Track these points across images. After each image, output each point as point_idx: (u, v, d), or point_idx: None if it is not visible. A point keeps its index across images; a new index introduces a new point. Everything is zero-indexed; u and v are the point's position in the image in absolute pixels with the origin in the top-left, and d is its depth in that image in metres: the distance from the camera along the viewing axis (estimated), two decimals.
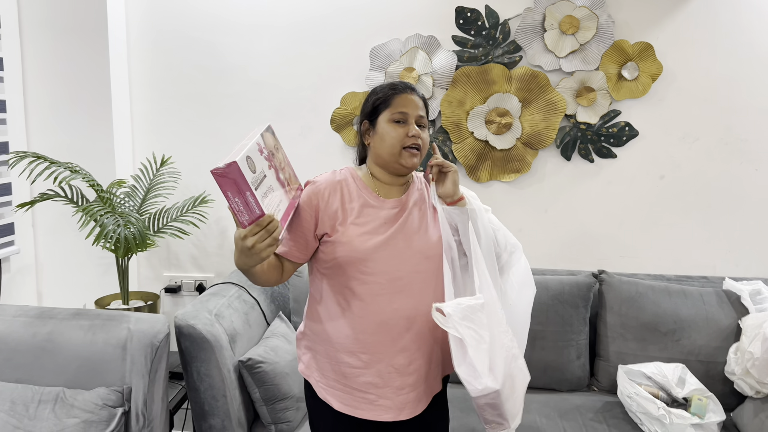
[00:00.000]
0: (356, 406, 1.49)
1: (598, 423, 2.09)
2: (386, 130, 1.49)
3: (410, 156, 1.49)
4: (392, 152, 1.49)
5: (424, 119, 1.52)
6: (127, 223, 2.09)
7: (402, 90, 1.51)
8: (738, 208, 2.53)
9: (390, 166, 1.52)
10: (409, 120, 1.49)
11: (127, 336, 1.85)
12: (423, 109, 1.52)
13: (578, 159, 2.56)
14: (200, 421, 1.96)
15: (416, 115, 1.50)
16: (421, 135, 1.49)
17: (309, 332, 1.57)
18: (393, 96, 1.50)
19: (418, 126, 1.50)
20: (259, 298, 2.34)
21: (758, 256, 2.54)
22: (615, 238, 2.61)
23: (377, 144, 1.52)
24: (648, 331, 2.30)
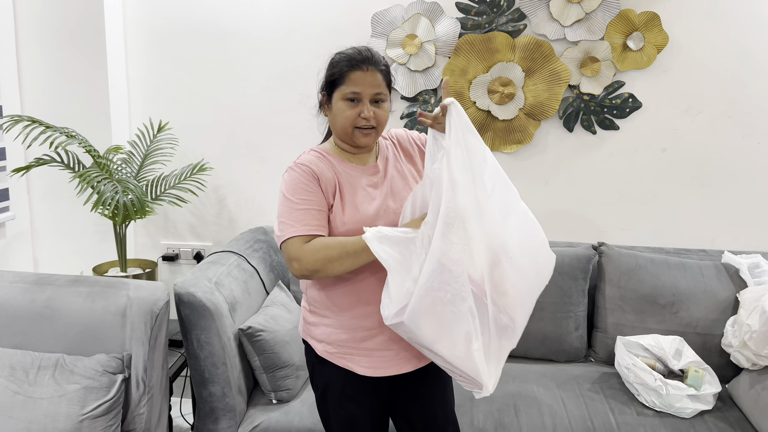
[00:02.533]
0: (378, 366, 1.53)
1: (595, 393, 2.11)
2: (340, 108, 1.49)
3: (363, 135, 1.49)
4: (345, 131, 1.50)
5: (381, 94, 1.49)
6: (126, 189, 2.06)
7: (358, 65, 1.47)
8: (739, 181, 2.52)
9: (347, 142, 1.54)
10: (363, 99, 1.47)
11: (127, 303, 1.84)
12: (381, 84, 1.49)
13: (580, 130, 2.54)
14: (200, 389, 1.96)
15: (371, 94, 1.47)
16: (377, 113, 1.48)
17: (317, 308, 1.58)
18: (347, 72, 1.47)
19: (376, 102, 1.48)
20: (258, 267, 2.33)
21: (758, 230, 2.55)
22: (615, 210, 2.60)
23: (332, 120, 1.54)
24: (646, 303, 2.30)
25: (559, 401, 2.06)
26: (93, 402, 1.68)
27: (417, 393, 1.66)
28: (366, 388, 1.58)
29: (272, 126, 2.65)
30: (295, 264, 1.43)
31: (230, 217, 2.75)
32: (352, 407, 1.59)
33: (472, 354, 1.38)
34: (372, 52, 1.52)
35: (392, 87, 1.58)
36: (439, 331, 1.36)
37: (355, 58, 1.49)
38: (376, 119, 1.49)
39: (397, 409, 1.68)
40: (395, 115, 2.58)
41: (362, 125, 1.48)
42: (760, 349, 1.98)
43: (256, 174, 2.70)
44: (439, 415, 1.68)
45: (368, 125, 1.48)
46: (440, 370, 1.55)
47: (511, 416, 1.96)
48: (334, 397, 1.60)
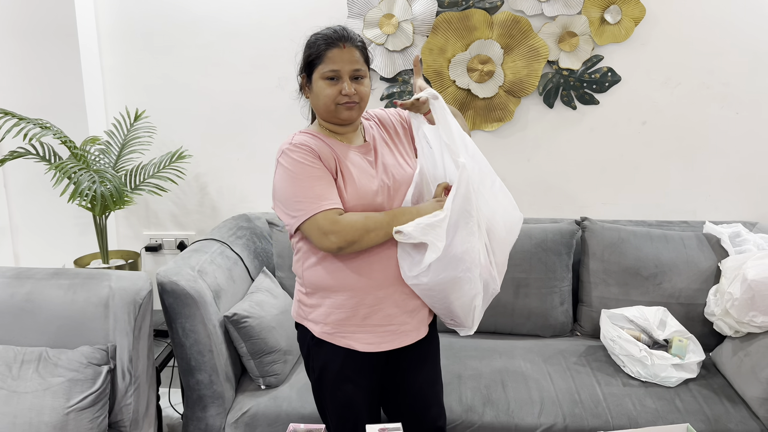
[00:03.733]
0: (380, 341, 1.57)
1: (582, 366, 2.13)
2: (320, 88, 1.50)
3: (346, 109, 1.51)
4: (328, 109, 1.51)
5: (360, 71, 1.50)
6: (103, 179, 2.03)
7: (334, 43, 1.48)
8: (718, 152, 2.54)
9: (332, 120, 1.55)
10: (343, 76, 1.48)
11: (109, 294, 1.82)
12: (359, 60, 1.51)
13: (561, 106, 2.54)
14: (187, 377, 1.96)
15: (350, 70, 1.49)
16: (359, 89, 1.50)
17: (316, 290, 1.57)
18: (325, 51, 1.48)
19: (355, 78, 1.50)
20: (242, 254, 2.32)
21: (737, 200, 2.57)
22: (597, 184, 2.61)
23: (314, 101, 1.55)
24: (630, 275, 2.32)
25: (546, 375, 2.07)
26: (78, 394, 1.67)
27: (408, 372, 1.68)
28: (364, 366, 1.59)
29: (251, 111, 2.62)
30: (333, 237, 1.43)
31: (212, 205, 2.73)
32: (349, 388, 1.60)
33: (473, 308, 1.55)
34: (347, 30, 1.52)
35: (370, 64, 1.58)
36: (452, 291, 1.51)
37: (331, 36, 1.49)
38: (358, 95, 1.50)
39: (387, 388, 1.69)
40: (375, 96, 2.56)
41: (344, 102, 1.49)
42: (742, 317, 2.01)
43: (236, 161, 2.67)
44: (427, 395, 1.71)
45: (350, 101, 1.49)
46: (433, 353, 1.72)
47: (499, 392, 1.98)
48: (330, 378, 1.60)
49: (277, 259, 2.40)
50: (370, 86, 1.57)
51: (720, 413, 1.89)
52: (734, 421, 1.87)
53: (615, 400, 1.95)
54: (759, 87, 2.46)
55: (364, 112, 1.66)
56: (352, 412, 1.62)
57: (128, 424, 1.81)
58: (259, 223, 2.57)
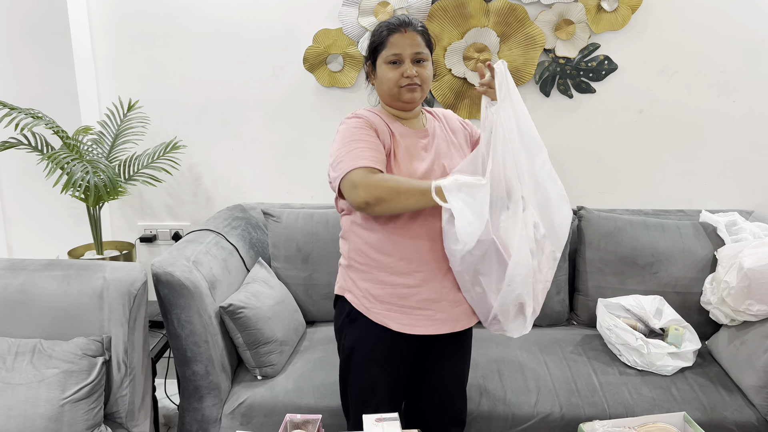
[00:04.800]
0: (414, 324, 1.57)
1: (578, 355, 2.13)
2: (384, 72, 1.56)
3: (408, 91, 1.55)
4: (391, 93, 1.57)
5: (422, 54, 1.55)
6: (96, 170, 2.01)
7: (396, 29, 1.54)
8: (714, 140, 2.53)
9: (395, 104, 1.60)
10: (405, 60, 1.54)
11: (103, 285, 1.80)
12: (421, 44, 1.55)
13: (557, 95, 2.53)
14: (183, 368, 1.95)
15: (412, 54, 1.54)
16: (420, 72, 1.55)
17: (356, 263, 1.60)
18: (387, 37, 1.55)
19: (417, 62, 1.55)
20: (237, 245, 2.30)
21: (733, 188, 2.57)
22: (594, 174, 2.61)
23: (378, 86, 1.61)
24: (626, 265, 2.32)
25: (542, 365, 2.08)
26: (73, 386, 1.66)
27: (437, 363, 1.69)
28: (395, 351, 1.61)
29: (245, 101, 2.60)
30: (361, 191, 1.43)
31: (207, 195, 2.71)
32: (375, 371, 1.62)
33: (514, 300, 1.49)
34: (409, 17, 1.59)
35: (433, 49, 1.63)
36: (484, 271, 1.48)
37: (392, 23, 1.56)
38: (419, 77, 1.55)
39: (416, 378, 1.71)
40: None
41: (406, 84, 1.54)
42: (738, 305, 2.01)
43: (231, 151, 2.66)
44: (454, 388, 1.74)
45: (412, 83, 1.54)
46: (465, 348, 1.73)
47: (496, 381, 1.98)
48: (359, 359, 1.62)
49: (272, 250, 2.39)
50: (433, 70, 1.61)
51: (716, 401, 1.90)
52: (730, 409, 1.87)
53: (611, 388, 1.95)
54: (756, 75, 2.45)
55: (433, 109, 1.73)
56: (374, 396, 1.64)
57: (124, 416, 1.80)
58: (254, 214, 2.56)
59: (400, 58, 1.54)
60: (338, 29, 2.46)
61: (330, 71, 2.50)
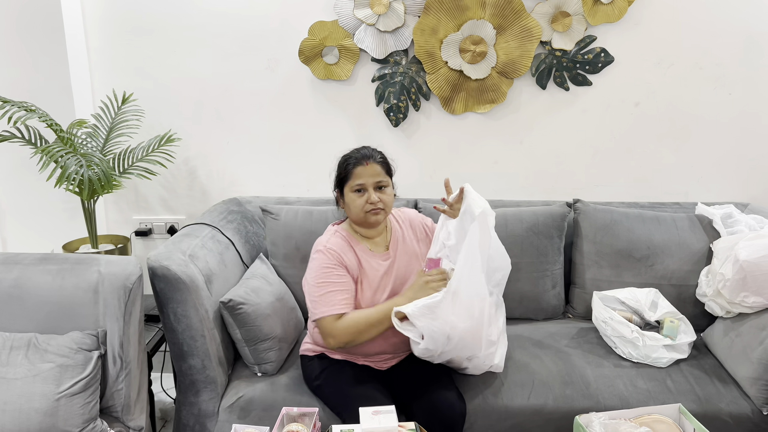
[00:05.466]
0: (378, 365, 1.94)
1: (573, 348, 2.14)
2: (351, 199, 1.86)
3: (373, 215, 1.85)
4: (358, 217, 1.86)
5: (382, 181, 1.85)
6: (90, 163, 2.00)
7: (358, 162, 1.84)
8: (710, 133, 2.53)
9: (363, 225, 1.90)
10: (368, 188, 1.83)
11: (98, 279, 1.80)
12: (381, 173, 1.85)
13: (553, 87, 2.52)
14: (179, 362, 1.95)
15: (373, 183, 1.84)
16: (382, 197, 1.85)
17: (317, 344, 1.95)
18: (352, 170, 1.84)
19: (379, 188, 1.85)
20: (233, 239, 2.30)
21: (729, 181, 2.57)
22: (589, 166, 2.61)
23: (347, 210, 1.90)
24: (622, 257, 2.33)
25: (536, 358, 2.07)
26: (69, 380, 1.65)
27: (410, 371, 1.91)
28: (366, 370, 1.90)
29: (240, 94, 2.58)
30: (330, 339, 1.78)
31: (202, 189, 2.70)
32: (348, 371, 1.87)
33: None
34: (369, 149, 1.89)
35: (392, 175, 1.92)
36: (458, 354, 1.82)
37: (355, 156, 1.86)
38: (382, 202, 1.84)
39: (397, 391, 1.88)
40: (366, 78, 2.53)
41: (370, 210, 1.83)
42: (734, 297, 2.02)
43: (226, 144, 2.64)
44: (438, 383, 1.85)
45: (375, 208, 1.83)
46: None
47: (489, 375, 1.98)
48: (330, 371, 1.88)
49: (270, 247, 2.37)
50: (393, 194, 1.91)
51: (711, 393, 1.91)
52: (725, 401, 1.88)
53: (606, 381, 1.95)
54: (752, 67, 2.45)
55: (400, 214, 2.04)
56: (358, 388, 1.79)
57: (120, 410, 1.80)
58: (250, 207, 2.55)
59: (363, 187, 1.83)
60: (334, 21, 2.44)
61: (326, 64, 2.49)
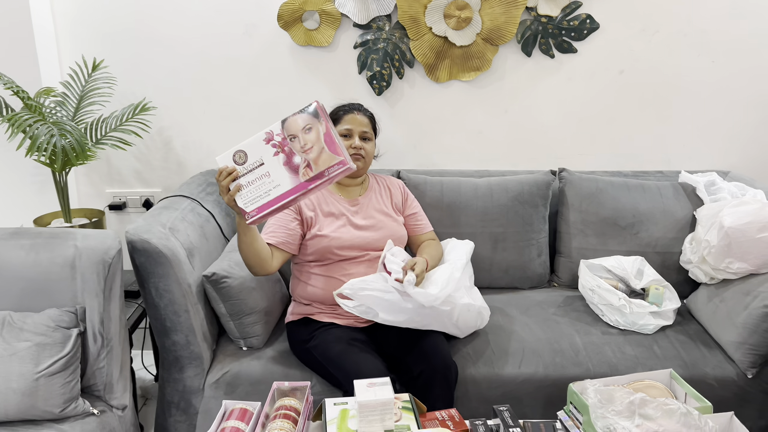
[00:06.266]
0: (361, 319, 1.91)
1: (560, 317, 2.14)
2: None
3: (354, 159, 1.92)
4: None
5: (368, 133, 2.00)
6: (63, 131, 1.90)
7: (349, 110, 2.00)
8: (693, 101, 2.53)
9: None
10: (354, 135, 1.97)
11: (75, 254, 1.72)
12: (368, 125, 2.00)
13: (539, 54, 2.48)
14: (162, 338, 1.89)
15: (360, 131, 1.98)
16: (364, 146, 1.98)
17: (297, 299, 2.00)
18: (343, 115, 1.99)
19: (363, 139, 1.98)
20: (213, 211, 2.22)
21: (711, 149, 2.59)
22: (574, 135, 2.59)
23: None
24: (608, 225, 2.33)
25: (525, 326, 2.07)
26: (47, 359, 1.59)
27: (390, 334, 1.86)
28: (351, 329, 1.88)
29: (216, 61, 2.48)
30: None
31: (178, 160, 2.61)
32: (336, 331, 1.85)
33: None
34: (361, 105, 2.05)
35: (377, 134, 2.07)
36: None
37: (348, 106, 2.02)
38: (364, 150, 1.97)
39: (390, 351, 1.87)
40: (348, 44, 2.46)
41: (352, 153, 1.93)
42: (719, 263, 2.03)
43: (202, 114, 2.55)
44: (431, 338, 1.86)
45: (357, 153, 1.95)
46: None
47: (480, 344, 1.97)
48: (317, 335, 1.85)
49: None
50: (374, 150, 2.05)
51: (697, 358, 1.93)
52: (711, 365, 1.91)
53: (595, 348, 1.96)
54: (736, 35, 2.44)
55: (383, 179, 2.15)
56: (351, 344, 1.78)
57: (102, 388, 1.74)
58: None
59: (350, 133, 1.97)
60: None
61: (306, 29, 2.41)
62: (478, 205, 2.33)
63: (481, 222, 2.33)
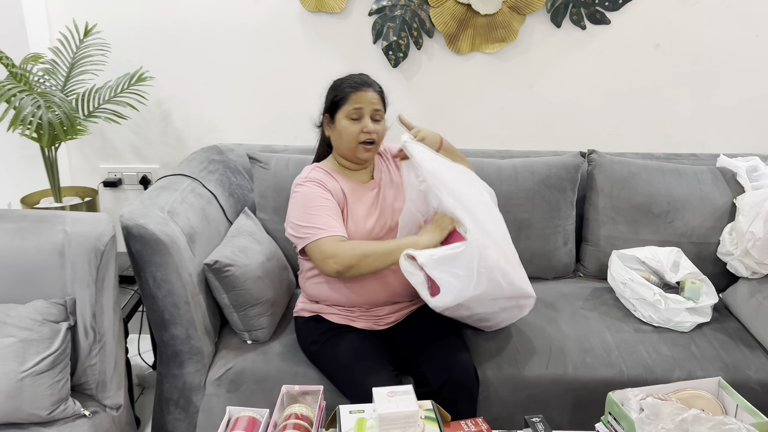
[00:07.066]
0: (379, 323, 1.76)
1: (589, 311, 1.99)
2: (344, 126, 1.68)
3: (365, 151, 1.70)
4: (349, 147, 1.70)
5: (379, 112, 1.70)
6: (50, 104, 1.72)
7: (358, 87, 1.68)
8: (734, 78, 2.35)
9: (350, 158, 1.75)
10: (365, 116, 1.68)
11: (64, 240, 1.56)
12: (379, 102, 1.70)
13: (569, 25, 2.29)
14: (160, 331, 1.74)
15: (371, 110, 1.68)
16: (376, 129, 1.69)
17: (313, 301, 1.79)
18: (350, 93, 1.67)
19: (375, 120, 1.69)
20: (215, 192, 2.06)
21: (751, 131, 2.41)
22: (603, 114, 2.41)
23: (336, 139, 1.73)
24: (640, 213, 2.16)
25: (551, 322, 1.93)
26: (34, 356, 1.44)
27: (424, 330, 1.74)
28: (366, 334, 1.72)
29: (220, 27, 2.29)
30: (331, 261, 1.58)
31: (177, 135, 2.43)
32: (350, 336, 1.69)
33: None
34: (368, 77, 1.73)
35: (386, 109, 1.76)
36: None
37: (356, 81, 1.69)
38: (376, 134, 1.69)
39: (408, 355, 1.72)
40: (363, 11, 2.26)
41: (364, 139, 1.68)
42: (764, 257, 1.88)
43: (204, 84, 2.36)
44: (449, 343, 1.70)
45: (369, 139, 1.68)
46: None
47: (503, 341, 1.82)
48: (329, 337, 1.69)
49: (259, 200, 2.14)
50: (385, 128, 1.75)
51: (738, 359, 1.79)
52: (753, 368, 1.76)
53: (627, 347, 1.82)
54: None
55: (381, 148, 1.84)
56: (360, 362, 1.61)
57: (94, 387, 1.59)
58: (233, 156, 2.30)
59: (360, 114, 1.67)
60: None
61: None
62: (501, 189, 2.15)
63: (505, 207, 2.13)
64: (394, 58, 2.30)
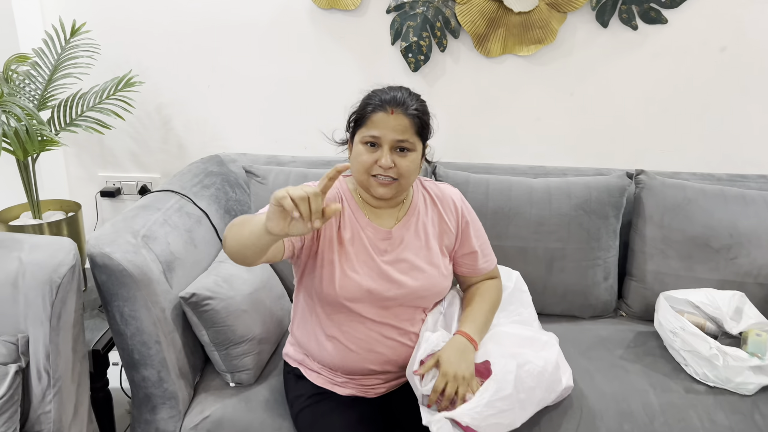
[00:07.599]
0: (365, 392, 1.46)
1: (631, 363, 1.69)
2: (358, 152, 1.34)
3: (378, 185, 1.33)
4: (360, 178, 1.35)
5: (405, 142, 1.30)
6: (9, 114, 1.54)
7: (382, 106, 1.30)
8: None
9: (364, 189, 1.38)
10: (383, 145, 1.30)
11: (18, 269, 1.37)
12: (407, 130, 1.30)
13: (617, 25, 1.99)
14: (131, 372, 1.54)
15: (393, 140, 1.29)
16: (399, 163, 1.30)
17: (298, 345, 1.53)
18: (371, 114, 1.31)
19: (400, 150, 1.31)
20: (208, 210, 1.85)
21: None
22: (655, 127, 2.10)
23: (352, 163, 1.36)
24: (696, 246, 1.85)
25: (584, 374, 1.64)
26: None
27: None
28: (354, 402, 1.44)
29: (226, 25, 2.08)
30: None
31: (179, 142, 2.24)
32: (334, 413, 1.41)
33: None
34: (405, 93, 1.33)
35: (427, 137, 1.39)
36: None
37: (381, 97, 1.32)
38: (397, 170, 1.30)
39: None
40: (381, 7, 2.01)
41: (377, 173, 1.31)
42: None
43: (207, 88, 2.16)
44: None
45: (385, 175, 1.31)
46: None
47: None
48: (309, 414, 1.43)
49: None
50: (420, 163, 1.37)
51: None
52: None
53: (676, 412, 1.52)
54: None
55: (434, 188, 1.49)
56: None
57: None
58: (234, 168, 2.09)
59: (378, 141, 1.30)
60: None
61: None
62: (532, 213, 1.88)
63: (535, 234, 1.88)
64: (414, 62, 2.04)
